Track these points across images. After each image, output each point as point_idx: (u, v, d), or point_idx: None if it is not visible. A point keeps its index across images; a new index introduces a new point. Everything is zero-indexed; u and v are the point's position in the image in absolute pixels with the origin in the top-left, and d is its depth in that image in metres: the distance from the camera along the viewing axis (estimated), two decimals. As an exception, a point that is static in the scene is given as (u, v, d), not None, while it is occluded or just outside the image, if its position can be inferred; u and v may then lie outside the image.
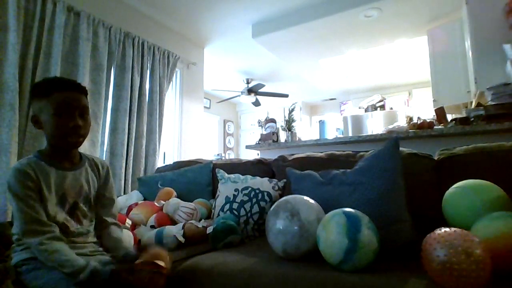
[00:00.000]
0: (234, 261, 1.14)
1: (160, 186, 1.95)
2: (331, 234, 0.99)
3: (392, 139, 1.30)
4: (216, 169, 1.90)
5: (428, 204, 1.34)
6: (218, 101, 6.91)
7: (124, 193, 2.76)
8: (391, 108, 5.67)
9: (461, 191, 1.13)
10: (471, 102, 3.09)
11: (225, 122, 7.97)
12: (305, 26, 3.59)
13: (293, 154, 1.88)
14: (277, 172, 1.83)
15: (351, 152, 1.69)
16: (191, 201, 1.72)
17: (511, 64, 2.19)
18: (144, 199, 1.99)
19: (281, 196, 1.62)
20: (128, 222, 1.54)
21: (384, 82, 6.14)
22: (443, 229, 0.88)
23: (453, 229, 0.87)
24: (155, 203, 1.69)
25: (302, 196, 1.22)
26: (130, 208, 1.71)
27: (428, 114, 4.22)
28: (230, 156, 7.90)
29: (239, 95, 6.02)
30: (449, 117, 2.92)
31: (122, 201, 1.91)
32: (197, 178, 2.01)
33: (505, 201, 1.04)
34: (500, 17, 2.41)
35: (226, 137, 8.00)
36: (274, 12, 3.60)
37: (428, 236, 0.89)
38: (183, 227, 1.36)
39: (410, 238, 1.14)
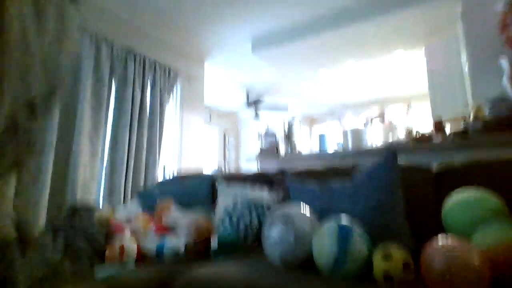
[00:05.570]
0: (232, 272, 1.14)
1: (159, 199, 1.95)
2: (323, 242, 1.02)
3: (390, 152, 1.32)
4: (217, 182, 1.91)
5: (427, 216, 1.34)
6: (218, 114, 6.98)
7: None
8: (390, 122, 5.72)
9: (460, 200, 1.14)
10: (469, 115, 3.12)
11: (225, 134, 8.01)
12: (304, 41, 3.67)
13: (293, 167, 1.90)
14: (277, 184, 1.84)
15: (350, 165, 1.70)
16: (191, 212, 1.72)
17: (506, 78, 2.23)
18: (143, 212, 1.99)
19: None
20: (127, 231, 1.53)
21: (383, 94, 6.22)
22: (442, 239, 0.89)
23: (451, 239, 0.88)
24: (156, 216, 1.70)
25: (296, 206, 1.26)
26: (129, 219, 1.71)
27: (427, 126, 4.25)
28: (230, 168, 7.91)
29: (239, 109, 6.09)
30: (448, 129, 2.94)
31: (120, 211, 1.90)
32: (196, 191, 2.02)
33: (503, 210, 1.05)
34: (495, 32, 2.46)
35: (226, 150, 8.03)
36: (273, 28, 3.68)
37: (427, 247, 0.90)
38: (185, 243, 1.36)
39: (409, 250, 1.14)
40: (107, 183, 2.74)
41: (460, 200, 1.14)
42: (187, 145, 3.96)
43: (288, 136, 3.25)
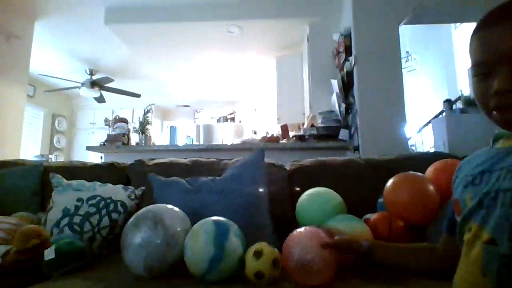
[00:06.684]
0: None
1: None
2: (198, 243, 0.94)
3: (259, 150, 1.38)
4: (50, 174, 1.50)
5: (283, 209, 1.47)
6: (47, 89, 5.64)
7: None
8: (240, 121, 6.17)
9: (311, 197, 1.30)
10: (303, 123, 3.73)
11: (54, 116, 6.61)
12: (169, 26, 3.44)
13: (153, 159, 1.72)
14: (133, 178, 1.62)
15: (215, 159, 1.69)
16: (9, 215, 1.28)
17: (336, 95, 2.78)
18: None
19: (138, 206, 1.43)
20: None
21: (235, 95, 6.63)
22: (299, 230, 0.97)
23: (306, 229, 0.96)
24: None
25: (164, 204, 1.13)
26: None
27: (270, 128, 4.80)
28: (59, 158, 6.58)
29: (78, 87, 5.13)
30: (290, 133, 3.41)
31: None
32: (18, 185, 1.53)
33: (343, 205, 1.26)
34: (330, 57, 3.04)
35: (55, 135, 6.63)
36: (134, 2, 3.27)
37: (288, 237, 0.96)
38: (1, 255, 0.97)
39: (272, 242, 1.22)
40: None
41: (311, 197, 1.31)
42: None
43: (143, 126, 2.96)
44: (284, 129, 2.97)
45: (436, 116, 4.01)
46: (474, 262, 0.48)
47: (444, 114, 3.76)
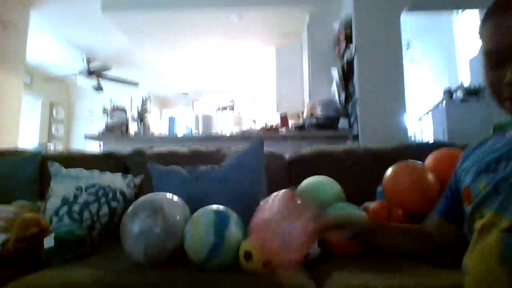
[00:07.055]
0: (80, 278, 0.90)
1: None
2: (198, 231, 0.94)
3: (258, 140, 1.37)
4: (49, 163, 1.49)
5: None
6: (44, 78, 5.59)
7: None
8: (239, 112, 6.15)
9: (310, 186, 1.30)
10: (303, 112, 3.71)
11: (52, 105, 6.56)
12: (167, 13, 3.37)
13: (151, 148, 1.71)
14: (132, 167, 1.61)
15: (215, 148, 1.69)
16: (9, 203, 1.28)
17: (336, 84, 2.75)
18: None
19: (137, 195, 1.43)
20: None
21: (234, 84, 6.59)
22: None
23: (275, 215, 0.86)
24: None
25: (163, 193, 1.13)
26: None
27: (269, 117, 4.77)
28: (58, 147, 6.56)
29: (75, 75, 5.07)
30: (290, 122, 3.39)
31: None
32: (17, 173, 1.52)
33: (341, 193, 1.26)
34: (331, 46, 3.00)
35: (53, 124, 6.60)
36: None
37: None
38: (3, 242, 0.98)
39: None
40: None
41: (311, 186, 1.31)
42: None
43: (141, 115, 2.94)
44: (283, 119, 2.96)
45: (436, 106, 3.99)
46: (490, 251, 0.46)
47: (443, 103, 3.74)
